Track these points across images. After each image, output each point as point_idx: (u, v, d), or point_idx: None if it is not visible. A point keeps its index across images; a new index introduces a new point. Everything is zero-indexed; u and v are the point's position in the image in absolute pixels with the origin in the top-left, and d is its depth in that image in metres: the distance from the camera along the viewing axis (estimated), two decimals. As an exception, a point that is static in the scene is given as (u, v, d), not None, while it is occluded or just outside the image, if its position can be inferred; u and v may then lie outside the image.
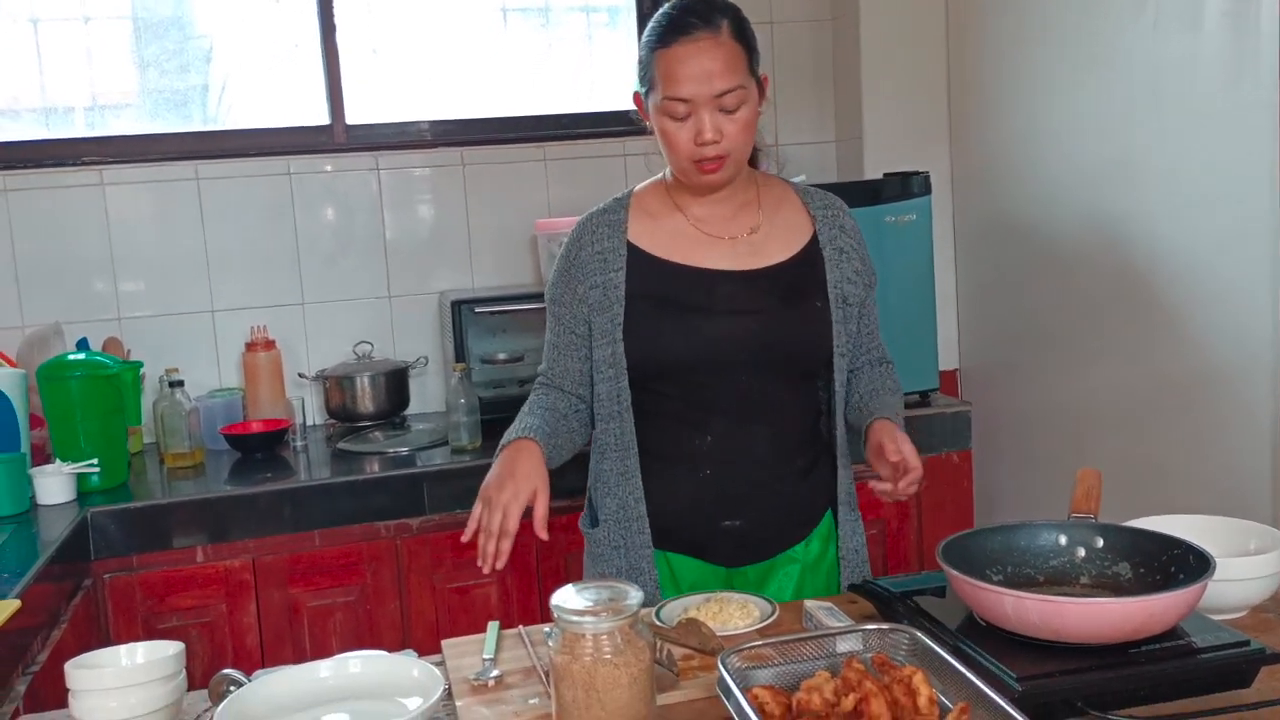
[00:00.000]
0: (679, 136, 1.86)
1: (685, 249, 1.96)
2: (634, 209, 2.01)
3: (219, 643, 2.73)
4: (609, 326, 1.94)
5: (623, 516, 1.98)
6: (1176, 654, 1.38)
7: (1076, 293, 2.96)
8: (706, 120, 1.83)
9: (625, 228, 1.98)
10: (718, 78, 1.82)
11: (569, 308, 1.99)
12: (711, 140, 1.83)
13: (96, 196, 3.24)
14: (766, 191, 2.03)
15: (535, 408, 1.99)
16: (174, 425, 2.99)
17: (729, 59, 1.83)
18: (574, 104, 3.64)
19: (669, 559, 2.01)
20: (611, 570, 1.99)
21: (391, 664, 1.58)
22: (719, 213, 1.98)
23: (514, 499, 1.78)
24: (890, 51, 3.49)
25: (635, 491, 1.97)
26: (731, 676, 1.31)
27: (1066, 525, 1.63)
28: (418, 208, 3.48)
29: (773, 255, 1.97)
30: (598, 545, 2.03)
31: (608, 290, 1.94)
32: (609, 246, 1.96)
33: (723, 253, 1.96)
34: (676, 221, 1.98)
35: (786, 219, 2.01)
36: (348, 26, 3.42)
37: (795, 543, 2.02)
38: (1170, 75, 2.57)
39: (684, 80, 1.82)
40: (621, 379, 1.94)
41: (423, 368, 3.44)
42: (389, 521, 2.82)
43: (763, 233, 1.98)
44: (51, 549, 2.33)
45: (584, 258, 1.97)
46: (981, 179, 3.38)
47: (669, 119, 1.86)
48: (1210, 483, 2.55)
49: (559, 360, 2.02)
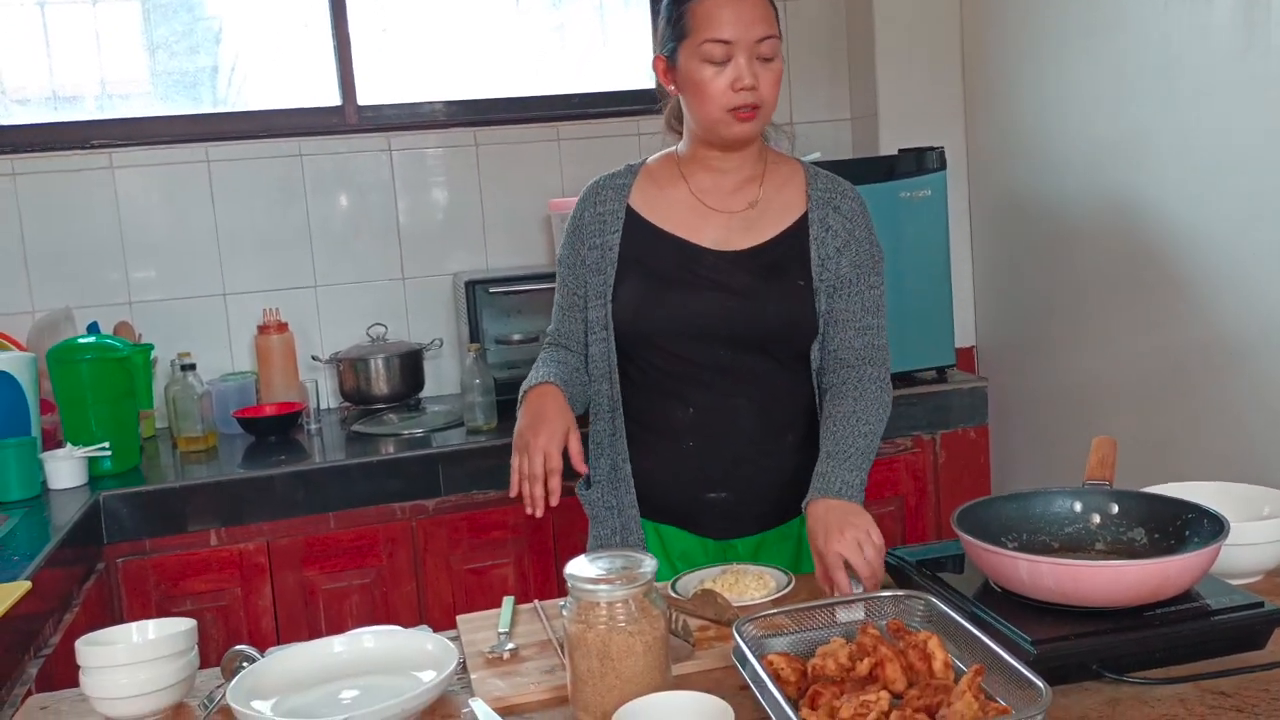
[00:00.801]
0: (715, 84, 1.84)
1: (681, 219, 1.96)
2: (641, 176, 2.02)
3: (233, 626, 2.73)
4: (601, 288, 1.96)
5: (613, 477, 2.00)
6: (1191, 616, 1.38)
7: (1091, 267, 2.94)
8: (744, 65, 1.82)
9: (628, 193, 2.00)
10: (758, 23, 1.83)
11: (572, 269, 2.01)
12: (750, 85, 1.83)
13: (106, 180, 3.24)
14: (774, 169, 2.01)
15: (547, 361, 2.01)
16: (186, 409, 2.99)
17: (767, 11, 1.86)
18: (587, 83, 3.63)
19: (659, 530, 2.01)
20: (607, 532, 2.00)
21: (406, 638, 1.57)
22: (722, 184, 1.97)
23: (550, 440, 1.80)
24: (904, 28, 3.46)
25: (623, 452, 1.99)
26: (747, 644, 1.31)
27: (1081, 492, 1.62)
28: (430, 188, 3.47)
29: (763, 232, 1.96)
30: (592, 507, 2.04)
31: (604, 252, 1.96)
32: (610, 210, 1.98)
33: (716, 226, 1.95)
34: (679, 191, 1.99)
35: (785, 198, 1.99)
36: (358, 6, 3.41)
37: (790, 518, 2.00)
38: (1182, 49, 2.54)
39: (726, 23, 1.82)
40: (610, 340, 1.97)
41: (437, 349, 3.44)
42: (404, 503, 2.82)
43: (759, 209, 1.97)
44: (63, 533, 2.33)
45: (587, 219, 2.00)
46: (996, 154, 3.36)
47: (707, 65, 1.84)
48: (1225, 455, 2.53)
49: (564, 321, 2.04)
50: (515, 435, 1.84)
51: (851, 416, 1.89)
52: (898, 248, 3.09)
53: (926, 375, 3.22)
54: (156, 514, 2.68)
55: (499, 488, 2.86)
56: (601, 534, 2.01)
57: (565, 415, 1.84)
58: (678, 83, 1.91)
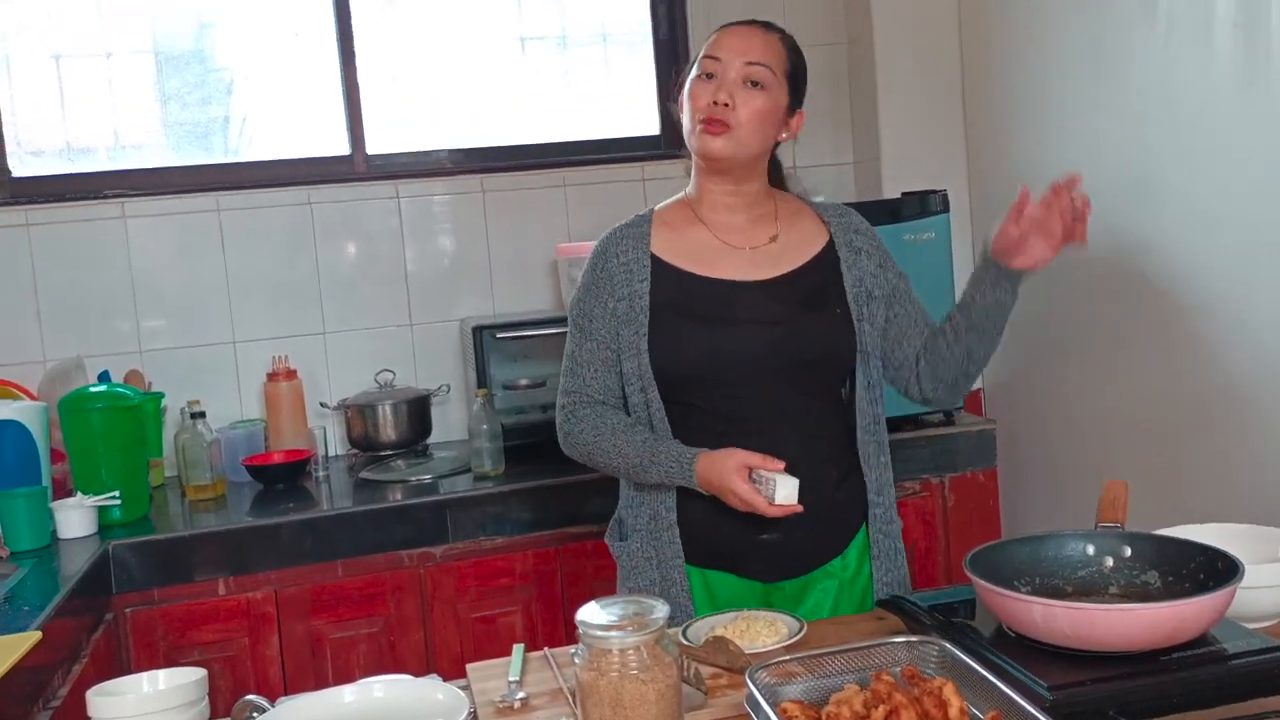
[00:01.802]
0: (699, 98, 1.93)
1: (707, 260, 1.98)
2: (656, 223, 2.03)
3: (241, 676, 2.72)
4: (634, 338, 1.95)
5: (654, 528, 1.98)
6: (1208, 660, 1.37)
7: (1098, 307, 2.94)
8: (728, 81, 1.91)
9: (648, 240, 2.00)
10: (754, 50, 1.93)
11: (602, 322, 1.99)
12: (723, 102, 1.90)
13: (118, 229, 3.26)
14: (784, 205, 2.07)
15: (618, 424, 1.96)
16: (195, 457, 2.99)
17: (772, 49, 1.95)
18: (592, 130, 3.66)
19: (705, 576, 1.99)
20: (645, 583, 1.98)
21: (416, 687, 1.57)
22: (737, 222, 2.01)
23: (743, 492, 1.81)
24: (906, 72, 3.49)
25: (667, 501, 1.97)
26: (760, 692, 1.30)
27: (1094, 535, 1.62)
28: (438, 235, 3.49)
29: (790, 262, 1.99)
30: (630, 558, 2.02)
31: (633, 302, 1.96)
32: (633, 258, 1.98)
33: (742, 262, 1.98)
34: (697, 232, 2.01)
35: (803, 229, 2.04)
36: (367, 57, 3.45)
37: (833, 557, 2.00)
38: (1183, 89, 2.56)
39: (723, 44, 1.95)
40: (650, 390, 1.95)
41: (445, 395, 3.44)
42: (412, 550, 2.81)
43: (780, 242, 2.01)
44: (72, 582, 2.33)
45: (611, 269, 1.99)
46: (999, 196, 3.37)
47: (697, 81, 1.94)
48: (1237, 494, 2.52)
49: (597, 377, 2.00)
50: (717, 491, 1.85)
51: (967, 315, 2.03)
52: (904, 291, 3.09)
53: (934, 418, 3.22)
54: (165, 563, 2.67)
55: (507, 534, 2.86)
56: (640, 586, 1.99)
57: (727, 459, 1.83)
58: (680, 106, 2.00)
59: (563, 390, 2.03)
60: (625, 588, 2.04)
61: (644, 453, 1.90)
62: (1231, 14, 2.40)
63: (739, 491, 1.80)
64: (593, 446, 1.96)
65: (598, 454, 1.96)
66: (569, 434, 2.01)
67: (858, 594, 2.01)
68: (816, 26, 3.68)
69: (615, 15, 3.68)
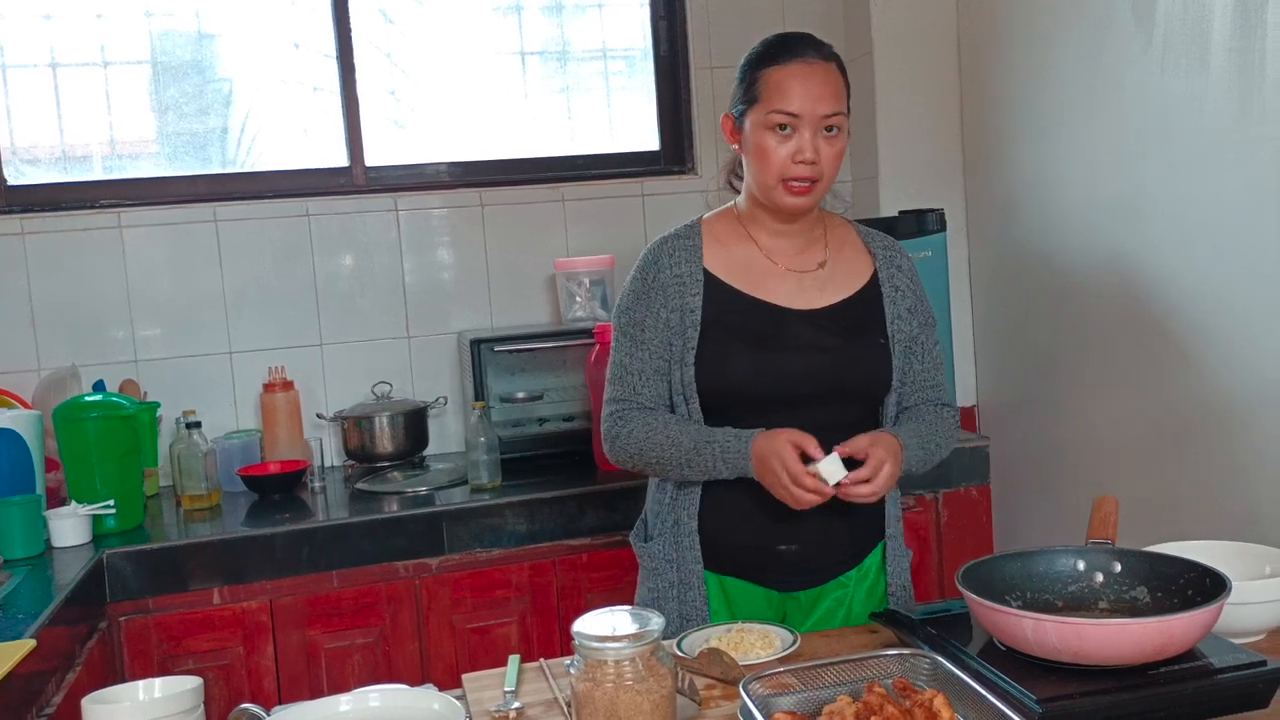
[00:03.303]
0: (777, 153, 1.90)
1: (757, 280, 1.99)
2: (706, 236, 2.03)
3: (236, 685, 2.72)
4: (681, 351, 1.96)
5: (676, 533, 2.01)
6: (1195, 675, 1.39)
7: (1091, 327, 2.96)
8: (808, 139, 1.88)
9: (701, 254, 2.00)
10: (827, 100, 1.90)
11: (654, 331, 1.98)
12: (810, 160, 1.88)
13: (114, 239, 3.27)
14: (832, 229, 2.08)
15: (670, 420, 1.96)
16: (191, 467, 2.99)
17: (838, 88, 1.93)
18: (592, 146, 3.68)
19: (724, 583, 2.01)
20: (664, 585, 2.01)
21: (412, 697, 1.57)
22: (789, 245, 2.02)
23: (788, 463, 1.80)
24: (904, 91, 3.51)
25: (690, 509, 1.99)
26: (754, 703, 1.31)
27: (1084, 551, 1.63)
28: (436, 248, 3.51)
29: (837, 292, 2.01)
30: (652, 560, 2.05)
31: (685, 315, 1.96)
32: (686, 271, 1.98)
33: (791, 287, 1.99)
34: (748, 250, 2.01)
35: (849, 258, 2.06)
36: (367, 70, 3.47)
37: (848, 569, 2.02)
38: (1178, 111, 2.58)
39: (795, 96, 1.89)
40: (693, 401, 1.96)
41: (442, 408, 3.45)
42: (408, 562, 2.82)
43: (829, 269, 2.02)
44: (66, 591, 2.33)
45: (664, 279, 1.98)
46: (996, 216, 3.39)
47: (770, 134, 1.90)
48: (1226, 511, 2.54)
49: (648, 384, 2.00)
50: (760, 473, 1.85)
51: (919, 421, 2.02)
52: (899, 308, 3.11)
53: (929, 434, 3.23)
54: (160, 572, 2.67)
55: (503, 546, 2.87)
56: (659, 587, 2.02)
57: (782, 438, 1.83)
58: (742, 144, 1.97)
59: (611, 398, 2.03)
60: (645, 586, 2.06)
61: (699, 435, 1.91)
62: (1226, 37, 2.42)
63: (783, 456, 1.80)
64: (644, 442, 1.95)
65: (649, 448, 1.95)
66: (618, 437, 2.00)
67: (871, 606, 2.03)
68: (815, 44, 3.70)
69: (615, 30, 3.71)
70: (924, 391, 2.09)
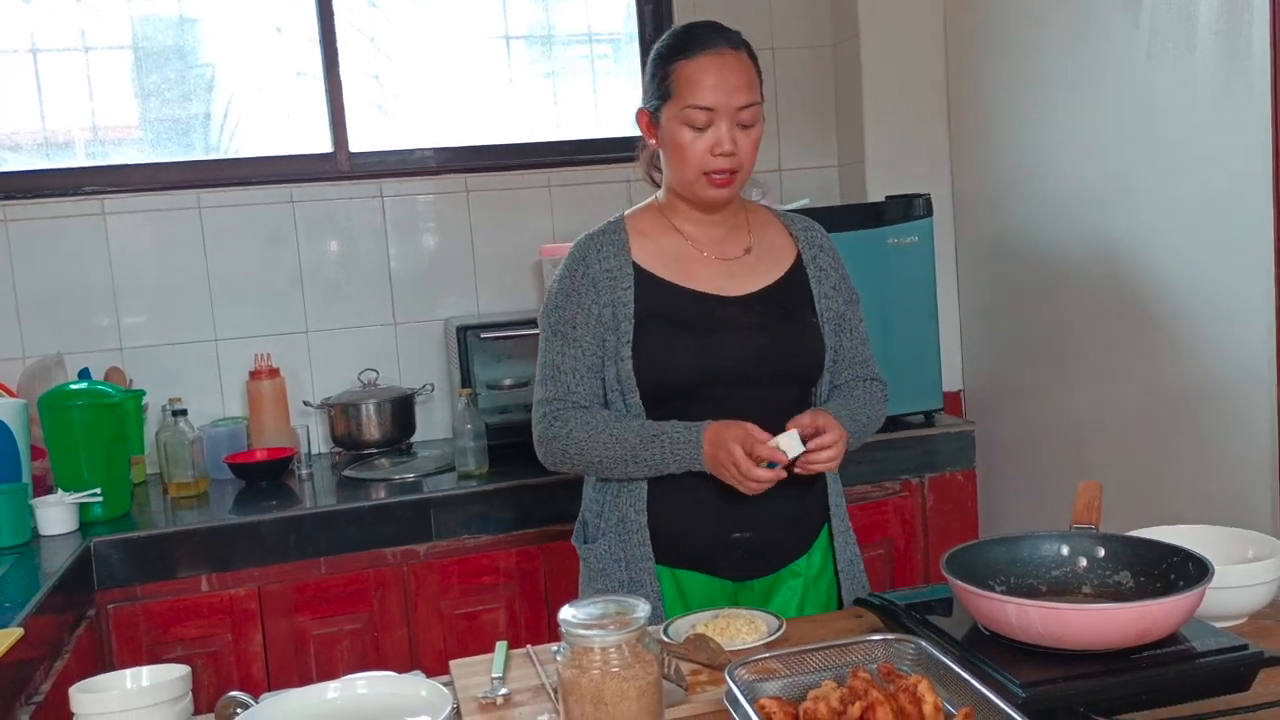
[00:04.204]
0: (695, 147, 1.90)
1: (686, 270, 2.00)
2: (631, 230, 2.03)
3: (224, 672, 2.73)
4: (615, 345, 1.95)
5: (622, 530, 1.99)
6: (1177, 659, 1.39)
7: (1077, 311, 2.97)
8: (725, 131, 1.89)
9: (629, 248, 2.00)
10: (740, 91, 1.89)
11: (586, 328, 1.97)
12: (728, 152, 1.89)
13: (98, 226, 3.26)
14: (753, 215, 2.10)
15: (610, 418, 1.95)
16: (177, 454, 2.99)
17: (750, 77, 1.92)
18: (577, 130, 3.67)
19: (676, 576, 2.01)
20: (613, 585, 1.99)
21: (400, 684, 1.57)
22: (714, 234, 2.03)
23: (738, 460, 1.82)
24: (891, 76, 3.51)
25: (637, 504, 1.98)
26: (740, 688, 1.32)
27: (1068, 536, 1.64)
28: (422, 235, 3.50)
29: (766, 276, 2.02)
30: (598, 560, 2.03)
31: (617, 309, 1.96)
32: (616, 265, 1.98)
33: (720, 275, 2.00)
34: (674, 241, 2.02)
35: (773, 242, 2.08)
36: (350, 55, 3.45)
37: (798, 556, 2.03)
38: (1165, 97, 2.59)
39: (709, 89, 1.88)
40: (631, 395, 1.95)
41: (428, 394, 3.45)
42: (396, 548, 2.82)
43: (755, 254, 2.04)
44: (54, 579, 2.33)
45: (594, 274, 1.98)
46: (982, 201, 3.40)
47: (687, 128, 1.90)
48: (1211, 495, 2.55)
49: (582, 382, 1.98)
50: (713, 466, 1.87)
51: (849, 397, 2.03)
52: (885, 293, 3.12)
53: (914, 419, 3.25)
54: (147, 560, 2.68)
55: (490, 532, 2.87)
56: (609, 587, 1.99)
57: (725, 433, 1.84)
58: (659, 139, 1.97)
59: (543, 399, 2.00)
60: (592, 589, 2.03)
61: (644, 432, 1.91)
62: (1213, 20, 2.43)
63: (733, 452, 1.81)
64: (585, 442, 1.94)
65: (591, 448, 1.93)
66: (553, 438, 1.98)
67: (822, 593, 2.05)
68: (803, 29, 3.70)
69: (600, 15, 3.70)
70: (854, 368, 2.11)
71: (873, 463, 3.10)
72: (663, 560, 1.99)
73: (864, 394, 2.08)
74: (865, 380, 2.12)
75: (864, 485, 3.12)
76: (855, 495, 3.10)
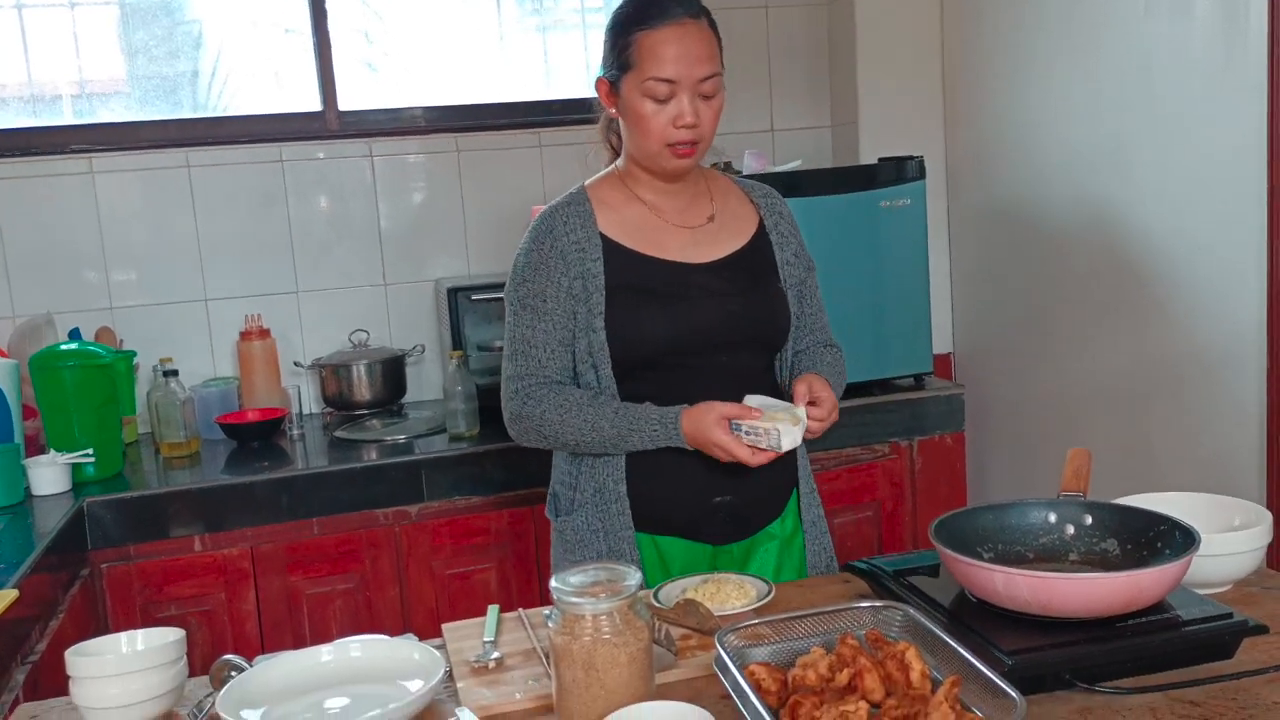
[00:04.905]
0: (656, 119, 1.89)
1: (652, 239, 1.99)
2: (594, 201, 2.01)
3: (218, 631, 2.75)
4: (587, 317, 1.94)
5: (601, 500, 1.99)
6: (1162, 627, 1.41)
7: (1069, 277, 2.98)
8: (686, 103, 1.88)
9: (594, 219, 1.98)
10: (702, 62, 1.87)
11: (556, 300, 1.95)
12: (691, 124, 1.88)
13: (86, 185, 3.24)
14: (714, 183, 2.10)
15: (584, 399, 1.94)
16: (169, 415, 3.00)
17: (711, 47, 1.90)
18: (568, 89, 3.65)
19: (657, 543, 2.02)
20: (591, 555, 1.99)
21: (392, 647, 1.59)
22: (676, 202, 2.02)
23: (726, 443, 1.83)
24: (886, 36, 3.49)
25: (615, 474, 1.98)
26: (729, 654, 1.33)
27: (1056, 503, 1.65)
28: (412, 194, 3.49)
29: (731, 242, 2.03)
30: (574, 531, 2.02)
31: (587, 280, 1.94)
32: (583, 237, 1.96)
33: (685, 242, 2.00)
34: (638, 210, 2.01)
35: (735, 209, 2.08)
36: (339, 11, 3.42)
37: (773, 519, 2.06)
38: (1161, 61, 2.58)
39: (670, 61, 1.86)
40: (604, 367, 1.95)
41: (419, 355, 3.45)
42: (387, 509, 2.84)
43: (718, 221, 2.04)
44: (48, 539, 2.35)
45: (562, 246, 1.95)
46: (975, 164, 3.39)
47: (649, 100, 1.89)
48: (1199, 462, 2.57)
49: (553, 357, 1.96)
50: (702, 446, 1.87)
51: (823, 366, 2.06)
52: (877, 256, 3.12)
53: (904, 382, 3.26)
54: (140, 520, 2.69)
55: (481, 493, 2.89)
56: (586, 557, 1.99)
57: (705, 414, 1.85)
58: (619, 109, 1.95)
59: (512, 375, 1.99)
60: (568, 561, 2.02)
61: (620, 422, 1.91)
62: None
63: (722, 443, 1.83)
64: (558, 425, 1.93)
65: (565, 430, 1.93)
66: (525, 416, 1.96)
67: (795, 555, 2.07)
68: (796, -13, 3.68)
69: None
70: (814, 334, 2.14)
71: (861, 425, 3.12)
72: (642, 528, 2.00)
73: (833, 360, 2.11)
74: (825, 345, 2.14)
75: (852, 447, 3.14)
76: (843, 458, 3.13)
